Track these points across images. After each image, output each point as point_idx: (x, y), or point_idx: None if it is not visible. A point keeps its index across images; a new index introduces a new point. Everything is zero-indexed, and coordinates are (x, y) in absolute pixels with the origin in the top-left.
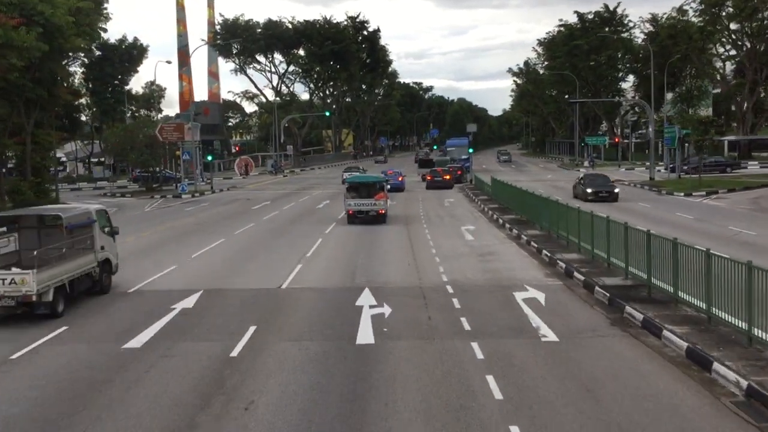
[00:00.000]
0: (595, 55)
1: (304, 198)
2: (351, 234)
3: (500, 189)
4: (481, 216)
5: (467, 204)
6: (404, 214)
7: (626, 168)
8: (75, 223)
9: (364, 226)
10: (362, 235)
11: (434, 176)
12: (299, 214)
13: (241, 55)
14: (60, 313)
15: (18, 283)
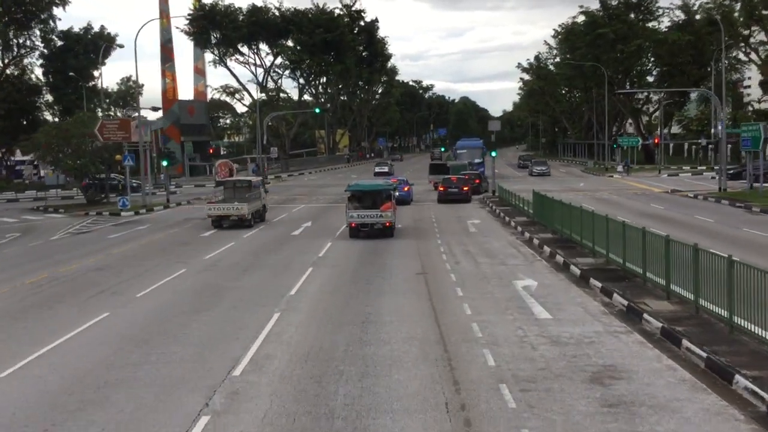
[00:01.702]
0: (621, 44)
1: (279, 217)
2: (331, 317)
3: (549, 208)
4: (533, 255)
5: (500, 229)
6: (416, 248)
7: (668, 174)
8: (255, 185)
9: (358, 296)
10: (349, 321)
11: (448, 186)
12: (261, 248)
13: (222, 46)
14: (252, 226)
15: (240, 210)
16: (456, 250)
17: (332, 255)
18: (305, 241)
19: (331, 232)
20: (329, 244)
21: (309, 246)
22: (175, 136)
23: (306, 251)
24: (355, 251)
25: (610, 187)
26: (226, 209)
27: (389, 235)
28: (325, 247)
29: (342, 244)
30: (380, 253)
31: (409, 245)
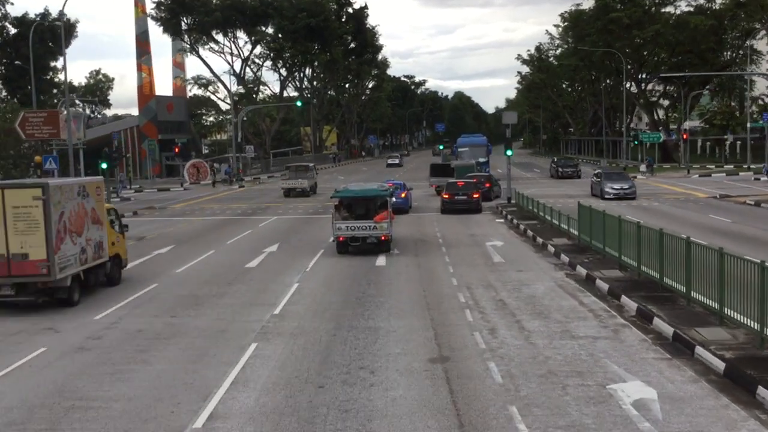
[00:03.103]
0: (637, 30)
1: (241, 235)
2: None
3: (609, 230)
4: (607, 312)
5: (534, 256)
6: (422, 293)
7: (699, 174)
8: (310, 167)
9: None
10: None
11: (454, 193)
12: (184, 302)
13: (194, 33)
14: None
15: (302, 184)
16: (483, 299)
17: (295, 309)
18: (260, 281)
19: (302, 262)
20: (294, 287)
21: (263, 291)
22: (153, 133)
23: (255, 301)
24: (331, 301)
25: (640, 190)
26: (293, 184)
27: (385, 250)
28: (288, 290)
29: (313, 286)
30: (369, 304)
31: (410, 287)
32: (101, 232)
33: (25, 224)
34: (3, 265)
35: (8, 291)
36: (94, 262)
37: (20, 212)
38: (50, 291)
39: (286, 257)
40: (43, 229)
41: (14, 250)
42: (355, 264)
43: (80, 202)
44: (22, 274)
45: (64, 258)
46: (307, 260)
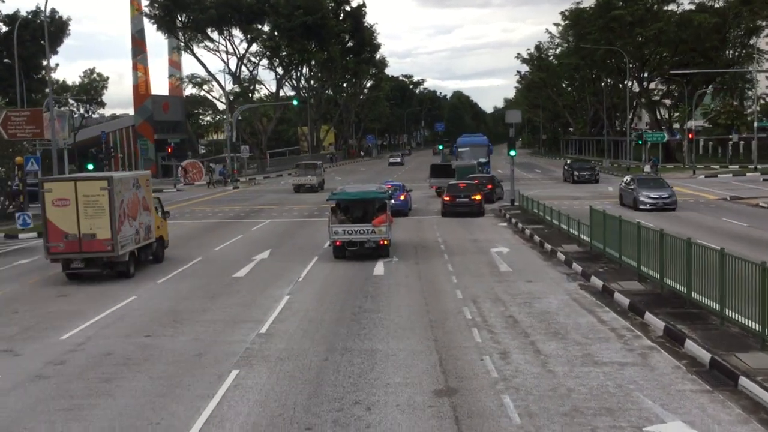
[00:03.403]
0: (640, 28)
1: (231, 240)
2: None
3: (626, 237)
4: (630, 331)
5: (543, 265)
6: (424, 308)
7: (705, 175)
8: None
9: None
10: None
11: (455, 196)
12: (164, 316)
13: (188, 30)
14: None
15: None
16: (491, 315)
17: (283, 327)
18: (247, 293)
19: (294, 270)
20: (284, 300)
21: (250, 305)
22: (149, 133)
23: (240, 318)
24: (324, 318)
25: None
26: (303, 180)
27: (384, 255)
28: (277, 305)
29: (304, 299)
30: (365, 321)
31: (411, 300)
32: (150, 217)
33: (93, 210)
34: (75, 243)
35: (79, 264)
36: (144, 242)
37: (89, 200)
38: (112, 265)
39: (278, 265)
40: (108, 214)
41: (85, 231)
42: (351, 273)
43: (135, 192)
44: (91, 250)
45: (124, 238)
46: (300, 268)
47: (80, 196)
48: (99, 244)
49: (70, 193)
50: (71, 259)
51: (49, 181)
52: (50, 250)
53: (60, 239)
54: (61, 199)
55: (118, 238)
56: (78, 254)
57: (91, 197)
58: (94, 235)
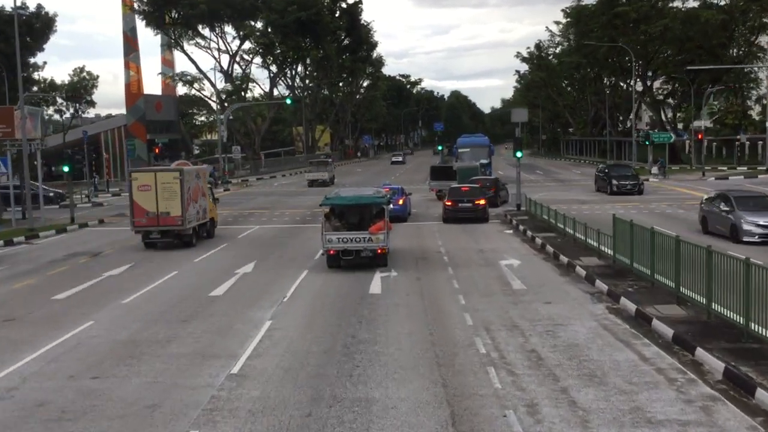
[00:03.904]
0: (645, 25)
1: (214, 250)
2: None
3: (657, 251)
4: (681, 372)
5: (562, 281)
6: (429, 341)
7: (716, 177)
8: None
9: None
10: None
11: (457, 200)
12: (124, 345)
13: (177, 26)
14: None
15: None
16: (509, 349)
17: (261, 365)
18: (223, 317)
19: (280, 287)
20: (266, 326)
21: (225, 333)
22: (141, 133)
23: (210, 351)
24: (311, 351)
25: (657, 195)
26: (316, 176)
27: (382, 265)
28: (257, 332)
29: (289, 325)
30: (359, 356)
31: (413, 327)
32: (205, 202)
33: (168, 194)
34: (155, 219)
35: (156, 235)
36: (201, 221)
37: (166, 186)
38: (181, 236)
39: (262, 280)
40: (179, 198)
41: (162, 210)
42: (344, 290)
43: (196, 182)
44: (165, 225)
45: (190, 216)
46: (287, 284)
47: (159, 183)
48: (172, 219)
49: (151, 181)
50: (150, 231)
51: (135, 172)
52: (135, 224)
53: (143, 216)
54: (144, 185)
55: (186, 216)
56: (156, 227)
57: (167, 184)
58: (168, 213)
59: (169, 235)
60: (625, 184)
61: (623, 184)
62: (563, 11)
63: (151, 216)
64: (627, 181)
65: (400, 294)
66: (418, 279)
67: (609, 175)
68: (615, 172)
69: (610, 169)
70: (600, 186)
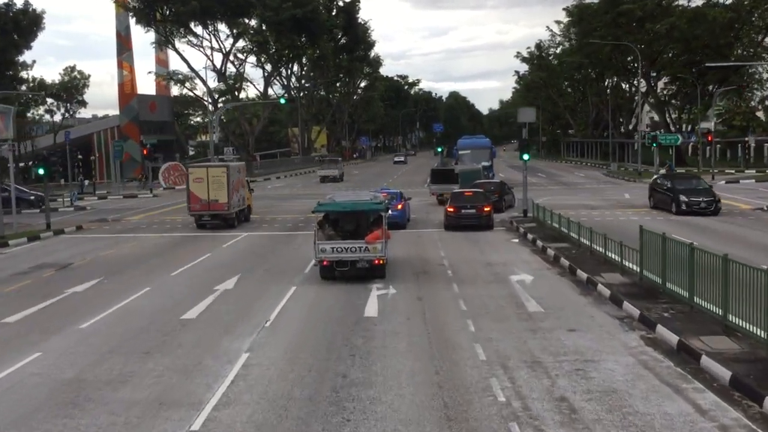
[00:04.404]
0: (650, 24)
1: (195, 261)
2: None
3: (699, 269)
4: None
5: (583, 302)
6: (435, 386)
7: (726, 180)
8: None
9: None
10: None
11: (460, 206)
12: (67, 387)
13: (169, 23)
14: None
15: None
16: (533, 397)
17: (229, 417)
18: (193, 348)
19: (264, 307)
20: (241, 361)
21: (191, 371)
22: (134, 134)
23: (169, 397)
24: (292, 396)
25: None
26: (328, 172)
27: (380, 276)
28: (229, 370)
29: (269, 361)
30: (350, 404)
31: (415, 363)
32: (244, 191)
33: (217, 185)
34: (206, 204)
35: (207, 218)
36: (241, 207)
37: (215, 179)
38: (226, 219)
39: (245, 299)
40: (226, 187)
41: (212, 198)
42: (336, 313)
43: (238, 175)
44: (215, 209)
45: (233, 203)
46: (272, 304)
47: (210, 176)
48: (220, 205)
49: (204, 175)
50: (203, 214)
51: (191, 167)
52: (191, 209)
53: (197, 202)
54: (198, 178)
55: (230, 202)
56: (207, 212)
57: (216, 177)
58: (217, 200)
59: (218, 218)
60: (697, 201)
61: (695, 201)
62: (565, 9)
63: (203, 203)
64: (700, 197)
65: (400, 317)
66: (420, 298)
67: (674, 189)
68: (682, 185)
69: (674, 181)
70: (659, 202)
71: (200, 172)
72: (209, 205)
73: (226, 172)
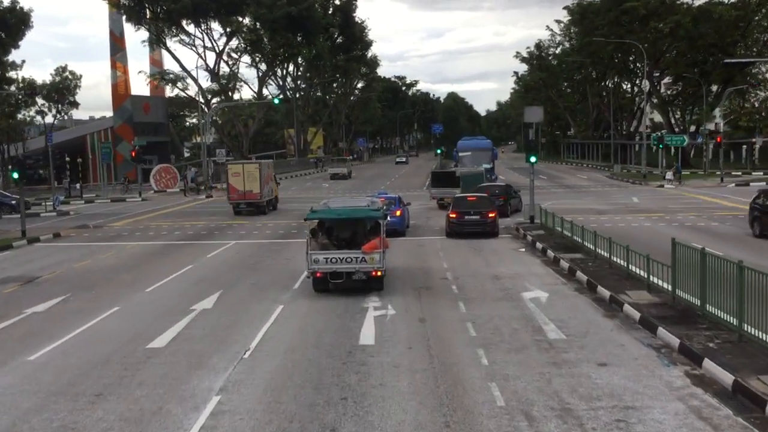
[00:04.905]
0: (654, 22)
1: (174, 274)
2: None
3: (748, 290)
4: None
5: (610, 326)
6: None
7: (736, 183)
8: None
9: None
10: None
11: (462, 212)
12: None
13: (160, 21)
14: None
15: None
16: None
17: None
18: (154, 388)
19: (243, 334)
20: (210, 406)
21: (149, 421)
22: (128, 135)
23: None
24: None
25: (681, 204)
26: (338, 170)
27: (377, 289)
28: (196, 417)
29: (244, 407)
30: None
31: (418, 407)
32: (272, 184)
33: (251, 178)
34: (243, 194)
35: (243, 206)
36: (270, 197)
37: (249, 173)
38: (258, 206)
39: (223, 322)
40: (258, 180)
41: (247, 189)
42: (327, 339)
43: (267, 171)
44: (250, 199)
45: (264, 193)
46: (254, 327)
47: (245, 171)
48: (254, 195)
49: (240, 170)
50: (240, 203)
51: (230, 163)
52: (230, 198)
53: (235, 193)
54: (236, 173)
55: (262, 192)
56: (243, 201)
57: (250, 172)
58: (251, 191)
59: (252, 206)
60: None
61: None
62: (567, 8)
63: (240, 193)
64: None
65: (400, 346)
66: (422, 320)
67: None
68: None
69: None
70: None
71: (237, 168)
72: (245, 195)
73: (259, 168)
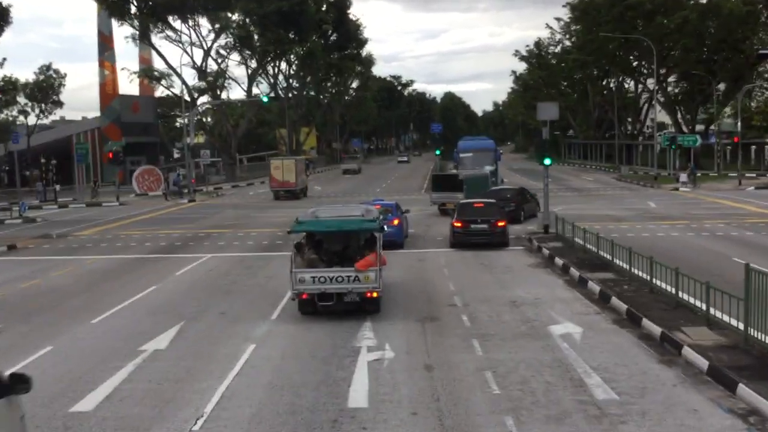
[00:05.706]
0: (661, 17)
1: (131, 299)
2: None
3: None
4: None
5: (670, 378)
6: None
7: (756, 186)
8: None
9: None
10: None
11: (468, 220)
12: None
13: (145, 17)
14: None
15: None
16: None
17: None
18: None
19: (205, 386)
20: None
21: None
22: (116, 136)
23: None
24: None
25: (703, 209)
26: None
27: (373, 312)
28: None
29: None
30: None
31: None
32: (304, 176)
33: (289, 170)
34: (282, 184)
35: (282, 193)
36: (302, 186)
37: (287, 166)
38: (294, 193)
39: (176, 370)
40: (294, 172)
41: (285, 179)
42: (307, 400)
43: (301, 165)
44: (287, 187)
45: (299, 182)
46: (214, 378)
47: (284, 165)
48: (290, 184)
49: (280, 164)
50: (279, 191)
51: (272, 159)
52: (272, 186)
53: (275, 182)
54: (276, 166)
55: (297, 182)
56: (282, 188)
57: (288, 165)
58: (288, 180)
59: (288, 193)
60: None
61: None
62: (568, 4)
63: (279, 182)
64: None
65: (402, 409)
66: (429, 368)
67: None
68: None
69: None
70: None
71: (278, 162)
72: (283, 183)
73: (295, 162)
